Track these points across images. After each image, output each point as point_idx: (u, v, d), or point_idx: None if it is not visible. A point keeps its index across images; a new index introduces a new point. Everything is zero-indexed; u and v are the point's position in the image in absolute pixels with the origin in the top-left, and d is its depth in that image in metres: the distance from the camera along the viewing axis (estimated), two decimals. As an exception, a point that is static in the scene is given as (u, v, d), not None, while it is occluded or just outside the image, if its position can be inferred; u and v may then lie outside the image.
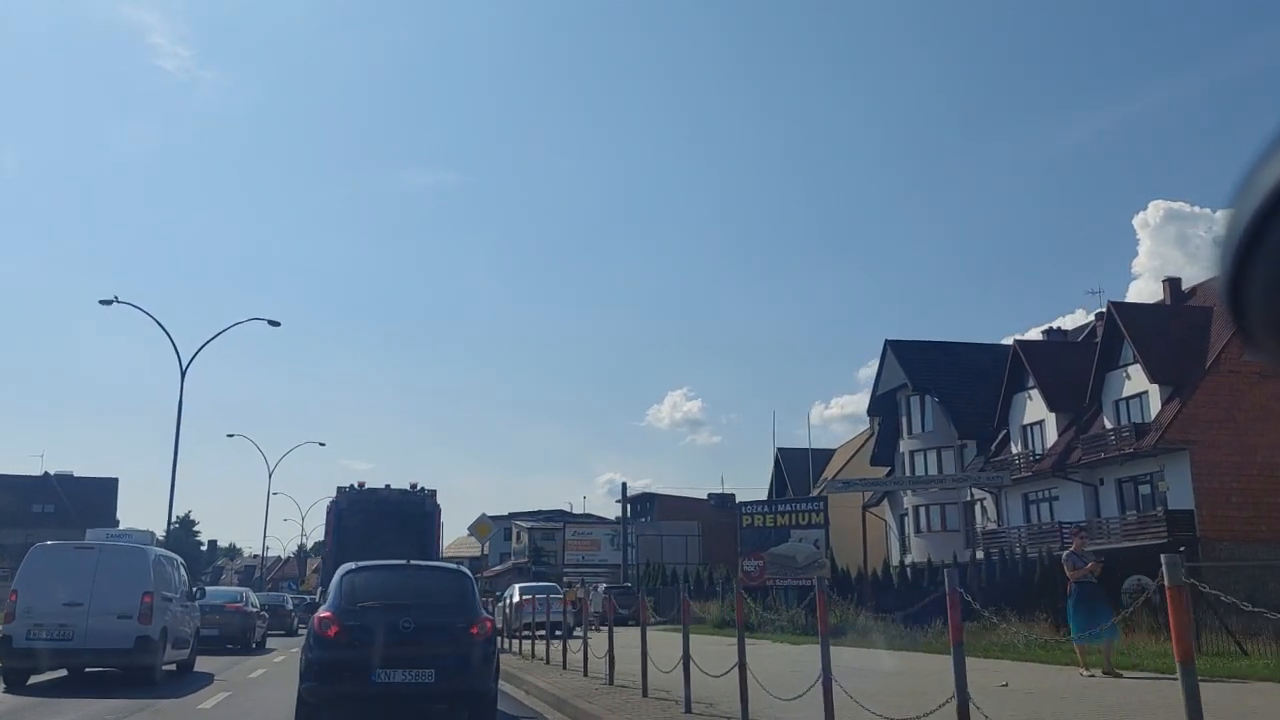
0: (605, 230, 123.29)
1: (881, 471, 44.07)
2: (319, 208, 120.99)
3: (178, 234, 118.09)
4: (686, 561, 51.39)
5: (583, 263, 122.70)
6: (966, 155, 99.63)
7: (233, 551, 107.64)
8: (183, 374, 27.99)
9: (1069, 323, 45.25)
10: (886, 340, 41.47)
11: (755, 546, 30.06)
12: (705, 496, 63.77)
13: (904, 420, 40.89)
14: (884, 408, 42.48)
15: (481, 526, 22.47)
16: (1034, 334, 42.10)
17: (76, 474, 65.93)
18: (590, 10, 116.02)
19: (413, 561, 10.33)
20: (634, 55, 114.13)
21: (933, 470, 38.74)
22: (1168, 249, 71.96)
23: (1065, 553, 12.02)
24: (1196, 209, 72.16)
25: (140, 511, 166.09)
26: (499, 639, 25.76)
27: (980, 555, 31.54)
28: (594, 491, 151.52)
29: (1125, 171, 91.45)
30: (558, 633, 16.24)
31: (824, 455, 55.03)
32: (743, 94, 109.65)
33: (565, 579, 53.45)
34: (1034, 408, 35.15)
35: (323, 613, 9.19)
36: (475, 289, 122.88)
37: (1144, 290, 66.35)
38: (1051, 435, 34.17)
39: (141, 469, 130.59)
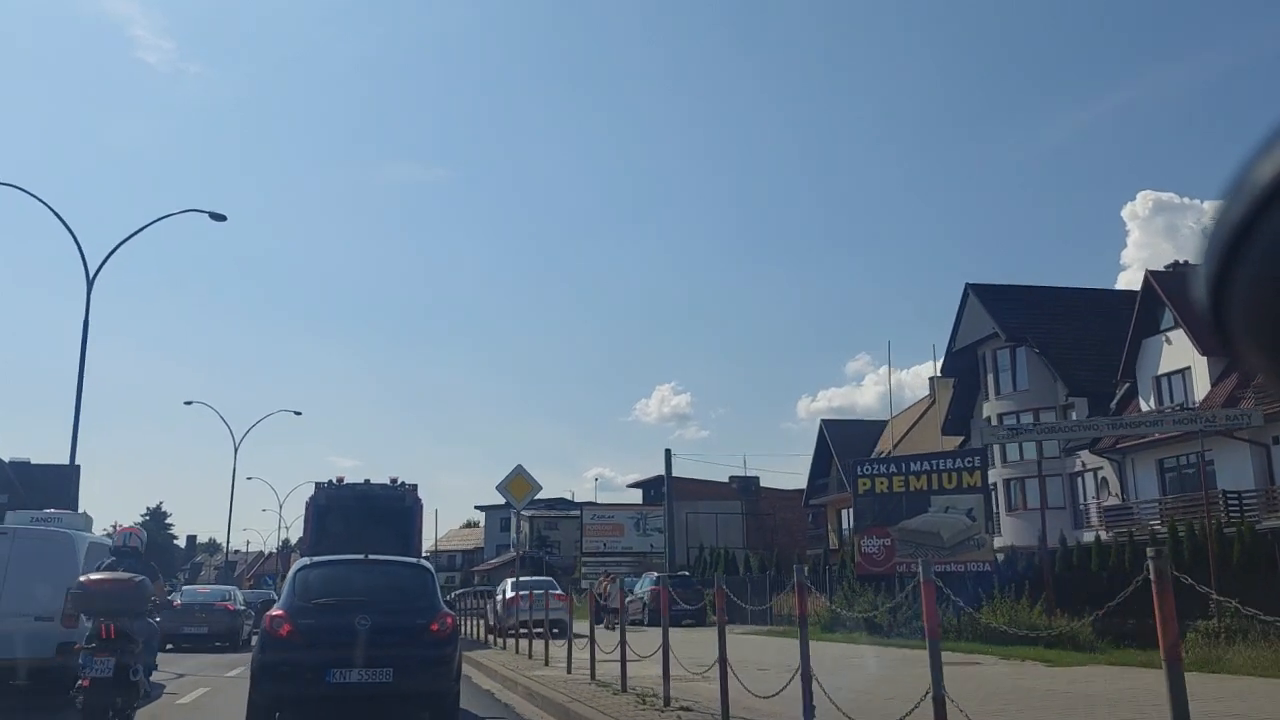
0: (593, 226, 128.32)
1: (954, 443, 39.16)
2: (306, 202, 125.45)
3: (162, 229, 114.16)
4: (745, 546, 46.51)
5: (571, 258, 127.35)
6: (957, 149, 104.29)
7: (213, 547, 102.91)
8: (90, 282, 23.67)
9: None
10: (968, 284, 36.70)
11: (878, 520, 23.53)
12: (726, 479, 58.74)
13: (989, 378, 35.95)
14: (961, 366, 37.32)
15: (517, 482, 17.92)
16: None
17: (34, 460, 60.56)
18: (585, 0, 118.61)
19: (371, 556, 9.95)
20: (627, 46, 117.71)
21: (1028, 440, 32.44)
22: (1157, 240, 74.50)
23: None
24: (1185, 200, 74.94)
25: (107, 502, 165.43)
26: (492, 636, 24.87)
27: (1104, 535, 26.57)
28: (582, 486, 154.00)
29: (1113, 163, 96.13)
30: (555, 631, 16.38)
31: (875, 427, 50.56)
32: (734, 88, 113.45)
33: (584, 569, 48.53)
34: (1174, 353, 30.44)
35: (275, 611, 9.17)
36: (462, 285, 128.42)
37: (1133, 281, 66.52)
38: (1201, 386, 29.48)
39: (109, 456, 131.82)
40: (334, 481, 21.25)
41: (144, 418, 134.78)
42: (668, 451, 44.34)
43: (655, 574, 31.96)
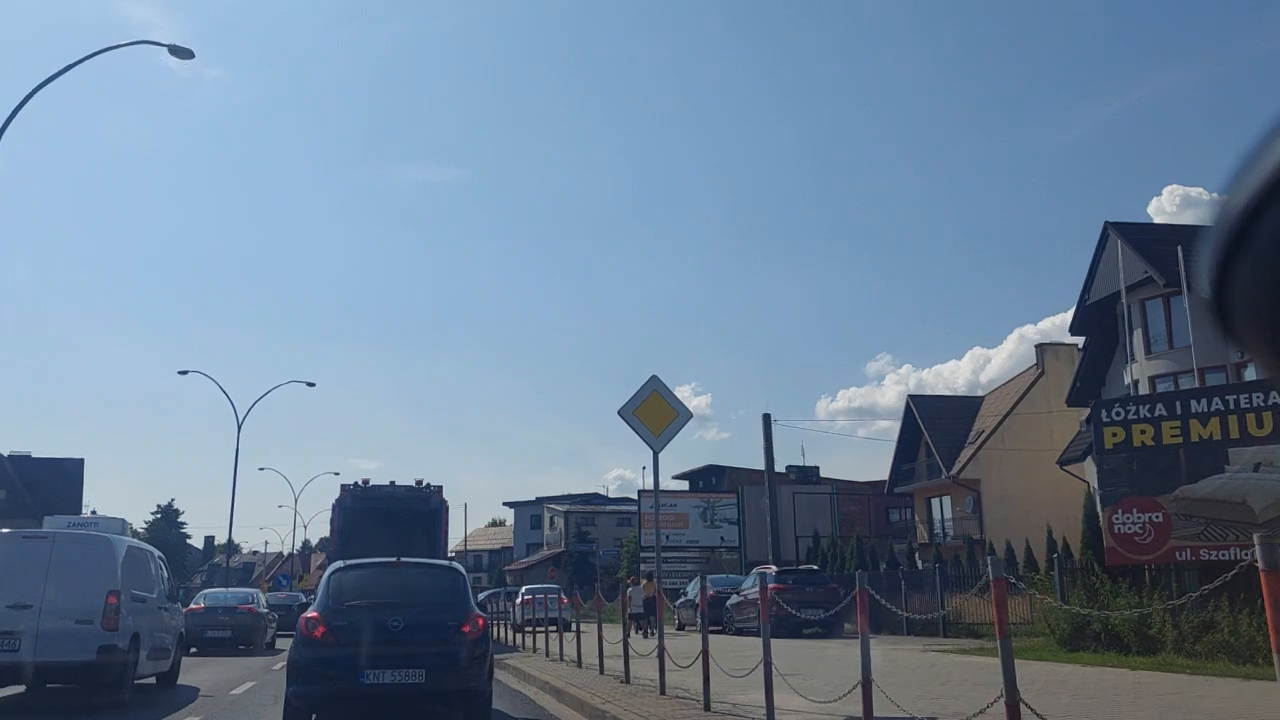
0: (611, 225, 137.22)
1: (1079, 415, 36.30)
2: (324, 204, 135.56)
3: (180, 230, 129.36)
4: (839, 537, 43.96)
5: (589, 258, 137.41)
6: (976, 146, 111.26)
7: (231, 548, 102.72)
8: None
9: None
10: (1108, 223, 33.45)
11: (1139, 485, 18.30)
12: (784, 470, 56.33)
13: (1138, 335, 32.55)
14: (1094, 323, 34.16)
15: (652, 404, 12.64)
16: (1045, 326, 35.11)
17: (35, 454, 59.62)
18: (596, 3, 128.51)
19: (403, 559, 11.03)
20: (640, 48, 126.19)
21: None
22: (1186, 235, 71.21)
23: None
24: (1214, 194, 73.99)
25: (112, 498, 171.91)
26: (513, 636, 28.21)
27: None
28: (601, 489, 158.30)
29: (1139, 157, 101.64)
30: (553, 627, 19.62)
31: (971, 404, 48.12)
32: (748, 88, 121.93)
33: (644, 566, 46.14)
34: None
35: (310, 613, 10.05)
36: (481, 285, 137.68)
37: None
38: None
39: (114, 450, 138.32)
40: (359, 484, 22.58)
41: (151, 416, 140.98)
42: (766, 416, 40.51)
43: (773, 568, 28.26)
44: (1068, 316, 36.59)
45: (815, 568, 32.23)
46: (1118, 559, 17.99)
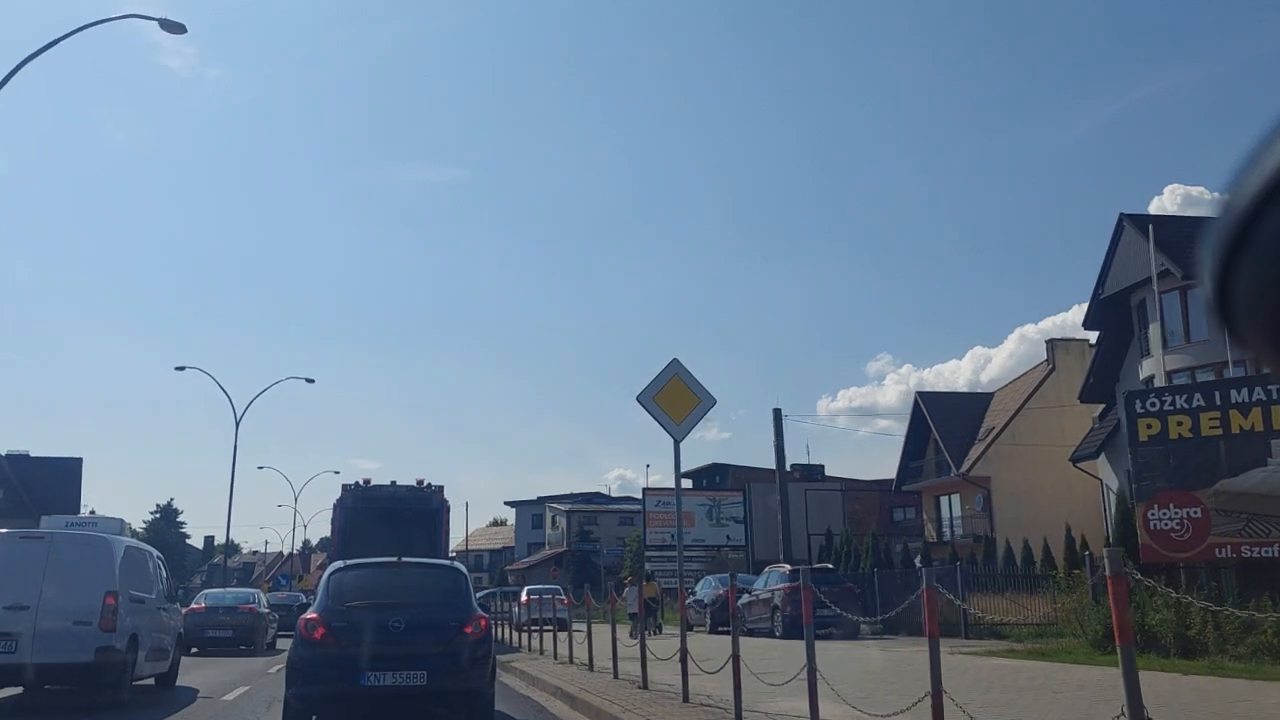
0: (611, 225, 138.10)
1: (1092, 411, 35.87)
2: (324, 204, 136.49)
3: (180, 230, 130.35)
4: (852, 536, 43.63)
5: (589, 258, 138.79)
6: (976, 146, 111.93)
7: (230, 548, 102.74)
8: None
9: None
10: (1122, 215, 32.91)
11: (1177, 479, 17.46)
12: (789, 469, 55.90)
13: (1153, 329, 32.06)
14: (1109, 318, 33.66)
15: (673, 391, 11.69)
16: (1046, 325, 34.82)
17: (33, 453, 59.18)
18: (596, 3, 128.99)
19: (404, 559, 10.89)
20: (640, 49, 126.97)
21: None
22: (1189, 234, 71.48)
23: None
24: (1215, 194, 75.56)
25: (111, 498, 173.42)
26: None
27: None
28: (602, 488, 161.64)
29: (1139, 157, 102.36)
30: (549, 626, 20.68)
31: (980, 400, 47.89)
32: (749, 88, 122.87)
33: (649, 566, 45.87)
34: None
35: (309, 614, 9.96)
36: (481, 285, 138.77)
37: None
38: None
39: (112, 449, 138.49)
40: (361, 483, 22.63)
41: (149, 416, 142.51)
42: (777, 411, 39.81)
43: (787, 567, 27.71)
44: (1070, 315, 36.73)
45: (830, 566, 31.74)
46: (1153, 556, 17.05)
